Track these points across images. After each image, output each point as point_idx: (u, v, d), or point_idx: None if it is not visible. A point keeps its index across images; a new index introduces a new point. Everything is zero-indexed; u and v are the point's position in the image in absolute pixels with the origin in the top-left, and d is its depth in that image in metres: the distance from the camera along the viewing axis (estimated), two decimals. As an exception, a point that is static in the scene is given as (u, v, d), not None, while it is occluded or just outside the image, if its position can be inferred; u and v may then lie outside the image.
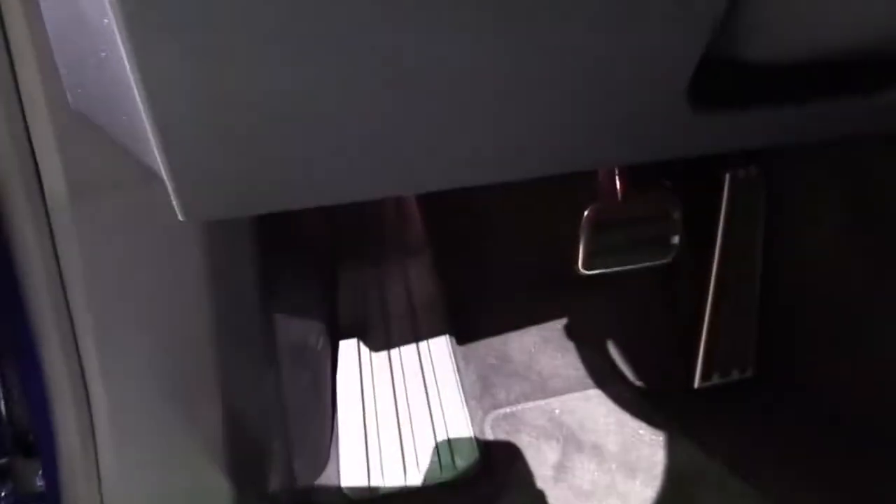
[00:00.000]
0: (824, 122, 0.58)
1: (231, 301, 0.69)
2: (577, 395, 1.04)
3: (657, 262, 0.96)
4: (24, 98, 0.54)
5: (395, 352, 0.96)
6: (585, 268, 0.94)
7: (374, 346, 0.96)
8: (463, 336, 1.06)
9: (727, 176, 1.00)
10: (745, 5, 0.43)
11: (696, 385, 1.04)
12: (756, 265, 1.03)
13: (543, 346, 1.09)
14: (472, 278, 1.09)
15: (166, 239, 0.63)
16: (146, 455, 0.70)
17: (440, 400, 0.95)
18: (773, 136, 0.59)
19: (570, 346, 1.09)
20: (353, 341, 0.96)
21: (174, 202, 0.47)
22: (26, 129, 0.55)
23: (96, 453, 0.66)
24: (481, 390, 1.03)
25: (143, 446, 0.69)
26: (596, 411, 1.01)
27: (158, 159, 0.44)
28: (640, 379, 1.07)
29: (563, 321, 1.12)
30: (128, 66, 0.37)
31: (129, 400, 0.67)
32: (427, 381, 0.95)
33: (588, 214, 0.92)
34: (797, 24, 0.48)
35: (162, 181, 0.45)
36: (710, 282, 1.02)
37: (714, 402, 1.04)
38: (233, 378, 0.70)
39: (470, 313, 1.07)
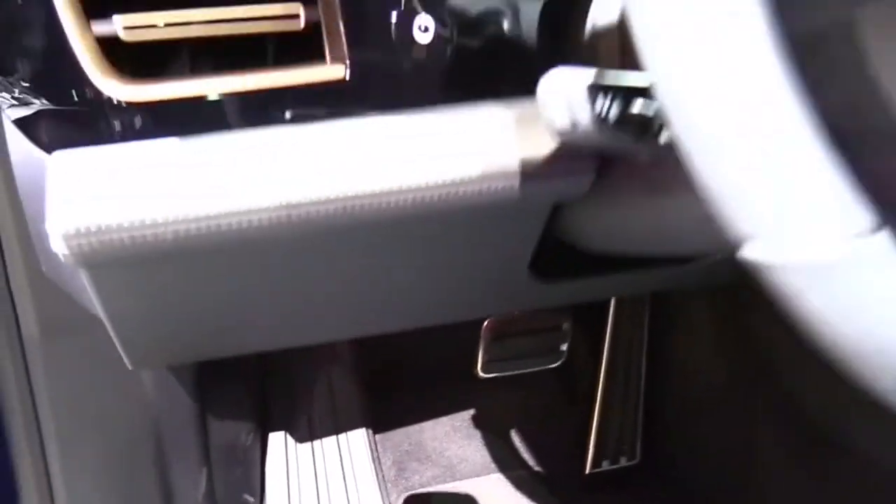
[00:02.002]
0: (651, 282, 0.79)
1: (171, 414, 0.87)
2: (482, 478, 1.23)
3: (546, 367, 1.17)
4: (7, 261, 0.73)
5: (317, 444, 1.16)
6: (484, 371, 1.14)
7: (300, 439, 1.16)
8: (381, 426, 1.25)
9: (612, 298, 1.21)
10: (562, 229, 0.63)
11: (587, 471, 1.24)
12: (641, 367, 1.24)
13: (453, 434, 1.28)
14: (391, 375, 1.29)
15: (118, 368, 0.82)
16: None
17: (356, 484, 1.14)
18: (608, 292, 0.81)
19: (477, 434, 1.29)
20: (280, 434, 1.15)
21: (124, 357, 0.66)
22: (8, 285, 0.74)
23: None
24: (396, 473, 1.22)
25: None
26: (499, 493, 1.21)
27: (113, 337, 0.63)
28: (539, 465, 1.27)
29: (472, 412, 1.32)
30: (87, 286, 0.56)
31: (85, 496, 0.84)
32: (346, 468, 1.14)
33: (487, 325, 1.13)
34: (604, 239, 0.67)
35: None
36: (599, 380, 1.23)
37: (603, 486, 1.24)
38: (170, 476, 0.88)
39: (388, 406, 1.27)
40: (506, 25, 0.56)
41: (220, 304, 0.59)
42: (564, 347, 1.17)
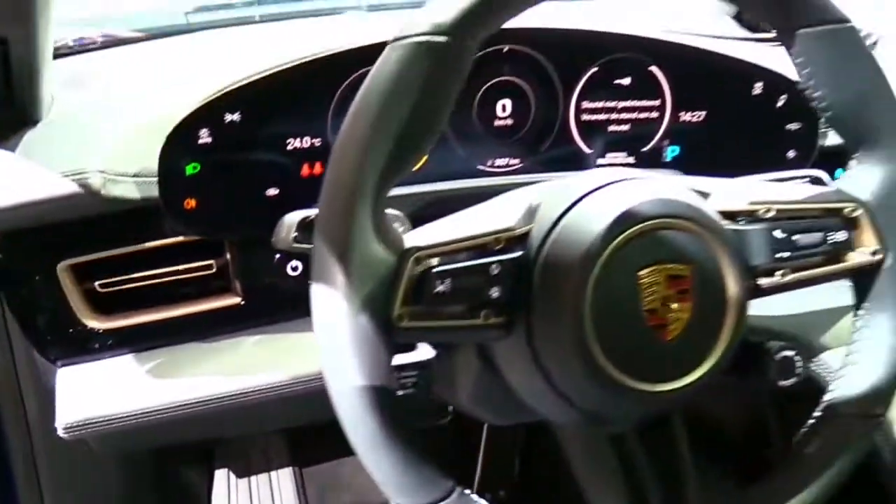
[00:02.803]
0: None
1: (135, 465, 1.19)
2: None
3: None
4: (20, 375, 1.04)
5: (253, 479, 1.49)
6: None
7: (239, 475, 1.49)
8: (307, 463, 1.59)
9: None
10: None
11: (473, 499, 1.57)
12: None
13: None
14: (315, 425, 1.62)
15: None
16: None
17: (284, 509, 1.47)
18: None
19: (386, 468, 1.62)
20: (223, 472, 1.49)
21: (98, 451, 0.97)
22: (20, 390, 1.05)
23: None
24: (318, 499, 1.56)
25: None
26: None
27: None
28: (434, 494, 1.60)
29: (381, 451, 1.65)
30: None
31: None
32: (275, 497, 1.48)
33: (389, 390, 1.45)
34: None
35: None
36: (483, 428, 1.56)
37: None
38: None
39: (312, 448, 1.61)
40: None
41: (179, 431, 0.91)
42: (451, 408, 1.49)
